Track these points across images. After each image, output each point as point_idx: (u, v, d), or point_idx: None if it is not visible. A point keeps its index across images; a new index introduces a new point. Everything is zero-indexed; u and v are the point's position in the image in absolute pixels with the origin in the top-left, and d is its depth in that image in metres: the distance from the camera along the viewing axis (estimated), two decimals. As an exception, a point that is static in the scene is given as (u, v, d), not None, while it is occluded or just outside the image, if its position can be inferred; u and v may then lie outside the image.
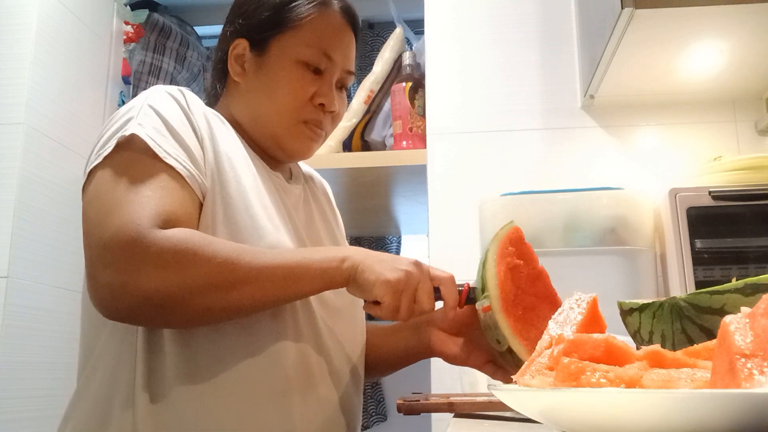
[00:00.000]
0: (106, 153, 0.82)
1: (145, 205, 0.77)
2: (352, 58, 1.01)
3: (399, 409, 0.84)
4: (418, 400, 0.84)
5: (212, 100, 1.03)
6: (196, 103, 0.91)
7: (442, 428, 1.38)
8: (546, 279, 0.86)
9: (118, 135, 0.82)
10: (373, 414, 2.46)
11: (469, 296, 0.87)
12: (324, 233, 1.04)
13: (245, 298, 0.79)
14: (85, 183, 0.84)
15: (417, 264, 0.83)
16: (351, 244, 3.24)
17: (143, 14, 2.06)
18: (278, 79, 0.95)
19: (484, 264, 0.85)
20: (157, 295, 0.75)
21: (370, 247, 3.18)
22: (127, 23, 2.02)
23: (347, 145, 1.72)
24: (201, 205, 0.85)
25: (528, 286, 0.84)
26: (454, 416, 0.79)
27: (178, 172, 0.82)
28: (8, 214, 1.49)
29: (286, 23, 0.96)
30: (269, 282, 0.79)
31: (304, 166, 1.14)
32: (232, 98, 1.00)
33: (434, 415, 1.38)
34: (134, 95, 1.95)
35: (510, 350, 0.78)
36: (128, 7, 2.02)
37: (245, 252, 0.79)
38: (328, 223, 1.08)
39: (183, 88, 0.92)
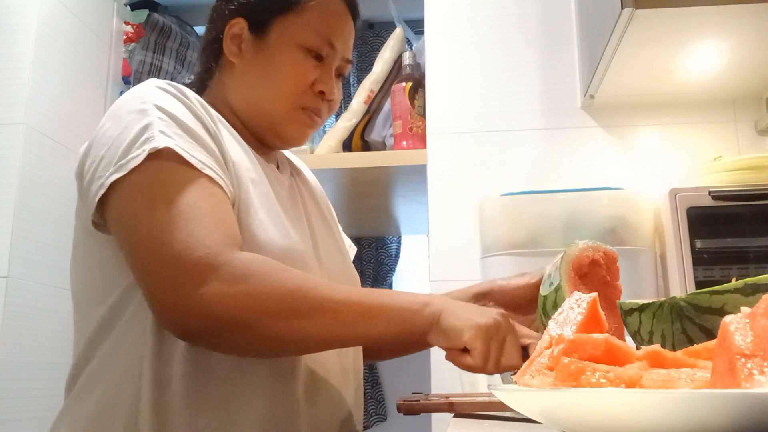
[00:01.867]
0: (133, 165, 0.76)
1: (204, 220, 0.74)
2: (351, 46, 1.00)
3: (399, 409, 0.84)
4: (418, 400, 0.84)
5: (202, 83, 1.00)
6: (195, 98, 0.87)
7: (442, 428, 1.38)
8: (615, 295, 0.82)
9: (146, 147, 0.76)
10: (373, 414, 2.46)
11: None
12: (320, 226, 1.02)
13: (318, 329, 0.74)
14: (104, 197, 0.78)
15: (504, 315, 0.77)
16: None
17: (143, 14, 2.06)
18: (278, 63, 0.92)
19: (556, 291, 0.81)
20: (228, 316, 0.71)
21: (369, 248, 3.19)
22: (127, 23, 2.02)
23: (347, 145, 1.72)
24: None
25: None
26: (454, 416, 0.79)
27: (216, 182, 0.79)
28: (8, 214, 1.49)
29: (289, 6, 0.93)
30: (344, 316, 0.74)
31: (293, 158, 1.12)
32: (226, 80, 0.96)
33: (434, 415, 1.38)
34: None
35: None
36: (128, 7, 2.02)
37: (320, 283, 0.76)
38: (324, 217, 1.06)
39: (176, 84, 0.87)
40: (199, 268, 0.71)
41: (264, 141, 0.98)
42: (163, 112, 0.80)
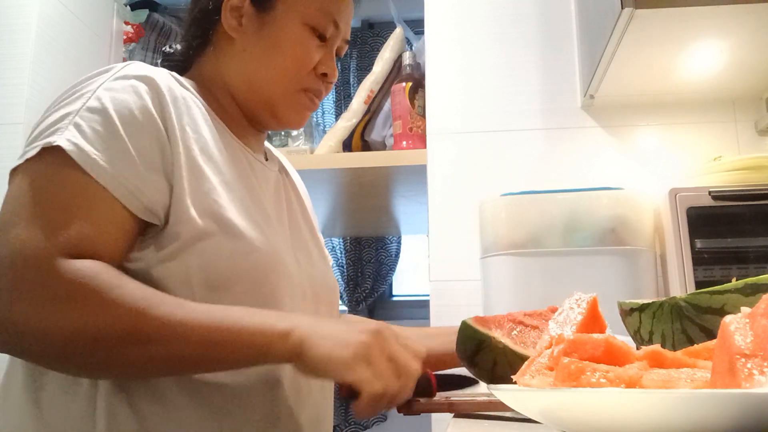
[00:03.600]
0: (28, 155, 0.72)
1: (54, 226, 0.67)
2: (350, 27, 0.97)
3: (399, 409, 0.84)
4: (418, 400, 0.84)
5: (187, 56, 0.93)
6: (169, 90, 0.80)
7: (442, 428, 1.38)
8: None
9: (44, 141, 0.71)
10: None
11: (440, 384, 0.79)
12: (302, 228, 0.98)
13: (152, 357, 0.66)
14: (10, 179, 0.73)
15: (378, 327, 0.69)
16: (351, 244, 3.26)
17: (143, 14, 2.06)
18: (283, 41, 0.88)
19: None
20: (46, 336, 0.64)
21: (369, 248, 3.19)
22: (127, 23, 2.02)
23: (347, 145, 1.72)
24: (138, 224, 0.74)
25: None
26: (454, 416, 0.79)
27: (107, 190, 0.71)
28: (8, 214, 1.49)
29: None
30: (184, 344, 0.66)
31: (282, 158, 1.08)
32: (221, 56, 0.90)
33: (434, 415, 1.38)
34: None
35: None
36: (128, 7, 2.02)
37: (162, 303, 0.67)
38: (308, 220, 1.02)
39: (149, 73, 0.80)
40: (21, 276, 0.64)
41: (258, 120, 0.93)
42: (98, 102, 0.74)
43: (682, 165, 1.44)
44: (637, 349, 0.47)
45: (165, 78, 0.82)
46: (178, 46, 0.96)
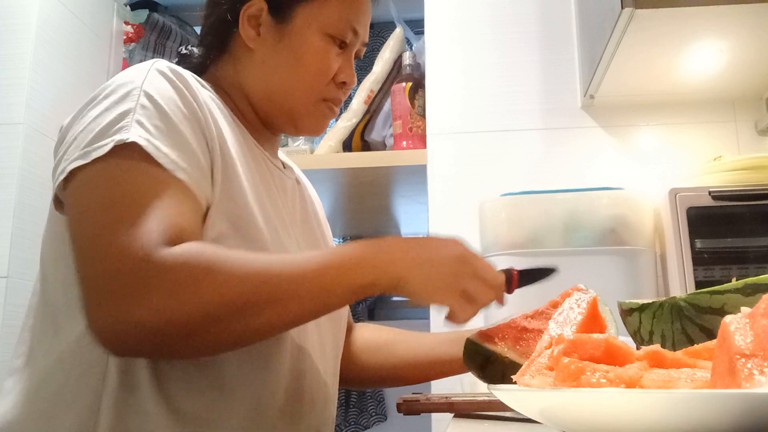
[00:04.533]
0: (97, 154, 0.70)
1: (150, 221, 0.67)
2: (368, 29, 0.96)
3: (399, 409, 0.84)
4: (418, 400, 0.84)
5: (203, 62, 0.93)
6: (196, 85, 0.81)
7: (442, 428, 1.38)
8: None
9: (115, 137, 0.71)
10: (373, 414, 2.46)
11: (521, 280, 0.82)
12: (319, 237, 0.99)
13: (274, 319, 0.68)
14: (66, 181, 0.72)
15: (456, 242, 0.76)
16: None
17: (143, 14, 2.06)
18: (303, 53, 0.87)
19: None
20: (169, 324, 0.64)
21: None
22: (127, 23, 2.02)
23: (347, 145, 1.72)
24: (205, 214, 0.76)
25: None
26: (454, 416, 0.79)
27: (182, 182, 0.72)
28: (8, 214, 1.49)
29: None
30: (300, 297, 0.68)
31: (294, 167, 1.07)
32: (240, 65, 0.90)
33: (434, 415, 1.38)
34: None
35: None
36: (128, 7, 2.02)
37: (271, 264, 0.69)
38: (321, 228, 1.02)
39: (177, 68, 0.81)
40: (133, 274, 0.64)
41: (276, 127, 0.93)
42: (150, 100, 0.74)
43: (682, 165, 1.44)
44: (637, 349, 0.47)
45: (192, 78, 0.82)
46: (195, 50, 0.96)
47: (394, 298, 3.10)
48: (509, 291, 0.82)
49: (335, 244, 1.20)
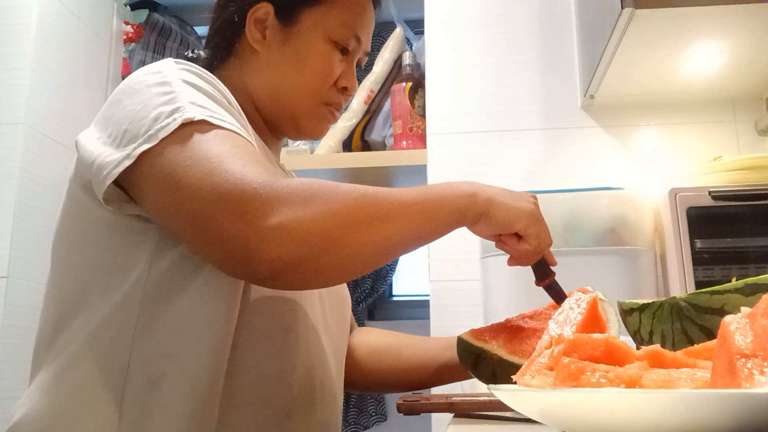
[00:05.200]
0: (164, 134, 0.69)
1: (254, 162, 0.68)
2: (371, 39, 0.98)
3: (399, 409, 0.84)
4: (418, 400, 0.84)
5: (211, 63, 0.94)
6: (212, 76, 0.82)
7: (442, 428, 1.38)
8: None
9: (179, 117, 0.70)
10: (373, 414, 2.46)
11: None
12: None
13: (394, 234, 0.71)
14: (133, 167, 0.70)
15: (534, 196, 0.82)
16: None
17: (143, 14, 2.06)
18: (307, 56, 0.89)
19: None
20: (314, 238, 0.66)
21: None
22: (127, 23, 2.02)
23: (347, 145, 1.72)
24: None
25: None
26: (454, 416, 0.79)
27: (252, 143, 0.74)
28: (8, 214, 1.49)
29: None
30: (411, 218, 0.72)
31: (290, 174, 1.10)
32: (245, 67, 0.92)
33: (434, 415, 1.38)
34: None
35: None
36: (128, 7, 2.02)
37: (378, 189, 0.72)
38: None
39: (193, 64, 0.82)
40: (263, 197, 0.65)
41: (279, 130, 0.95)
42: (189, 84, 0.75)
43: (682, 165, 1.44)
44: (637, 349, 0.47)
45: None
46: (202, 53, 0.97)
47: (394, 298, 3.10)
48: (540, 281, 0.86)
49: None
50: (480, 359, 0.78)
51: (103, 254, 0.78)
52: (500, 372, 0.76)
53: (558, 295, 0.85)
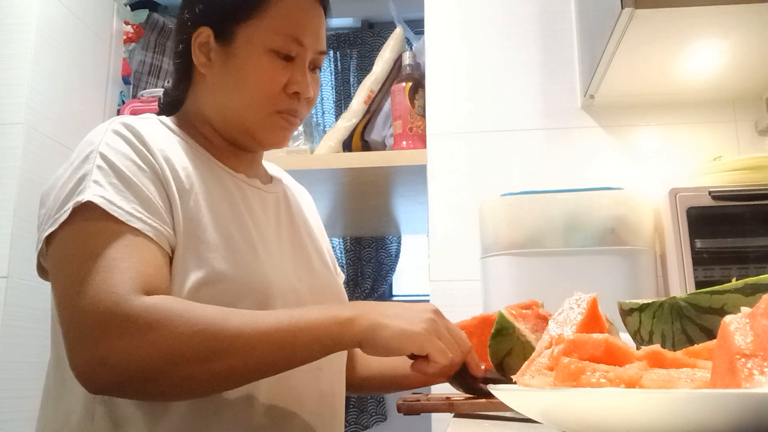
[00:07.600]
0: (62, 219, 0.78)
1: (116, 271, 0.74)
2: (324, 36, 0.97)
3: (399, 409, 0.84)
4: (418, 400, 0.84)
5: (179, 96, 0.98)
6: (153, 138, 0.86)
7: (442, 428, 1.38)
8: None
9: (74, 200, 0.78)
10: (373, 414, 2.46)
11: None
12: (306, 243, 1.01)
13: (231, 368, 0.73)
14: (44, 247, 0.81)
15: (433, 308, 0.79)
16: (351, 244, 3.25)
17: (143, 14, 2.06)
18: (247, 70, 0.90)
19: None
20: (137, 367, 0.71)
21: (369, 248, 3.18)
22: (127, 23, 2.02)
23: (347, 145, 1.72)
24: (171, 258, 0.82)
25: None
26: (454, 416, 0.79)
27: (141, 232, 0.78)
28: (8, 214, 1.49)
29: (251, 10, 0.90)
30: (260, 350, 0.73)
31: (284, 175, 1.10)
32: (199, 93, 0.95)
33: (434, 415, 1.38)
34: (134, 95, 1.97)
35: None
36: (128, 7, 2.02)
37: (231, 317, 0.74)
38: (312, 236, 1.05)
39: (138, 120, 0.88)
40: (104, 322, 0.71)
41: (243, 146, 0.97)
42: (104, 160, 0.81)
43: (682, 165, 1.44)
44: (637, 349, 0.47)
45: (152, 127, 0.89)
46: (170, 87, 1.01)
47: (394, 298, 3.10)
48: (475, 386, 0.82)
49: (336, 241, 1.22)
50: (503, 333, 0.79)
51: None
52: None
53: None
